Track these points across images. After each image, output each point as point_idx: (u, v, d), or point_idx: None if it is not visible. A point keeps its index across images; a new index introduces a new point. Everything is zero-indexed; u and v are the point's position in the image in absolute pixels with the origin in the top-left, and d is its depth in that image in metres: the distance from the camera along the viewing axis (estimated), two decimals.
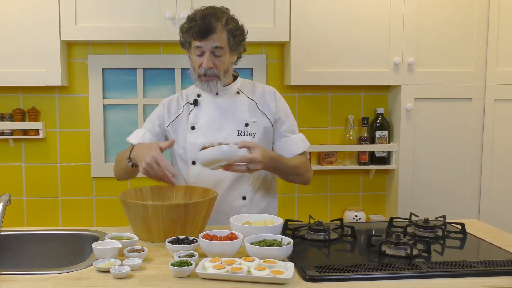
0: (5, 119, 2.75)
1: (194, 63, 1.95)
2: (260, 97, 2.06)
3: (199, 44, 1.89)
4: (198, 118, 2.00)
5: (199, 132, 1.99)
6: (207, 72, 1.91)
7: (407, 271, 1.40)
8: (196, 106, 2.02)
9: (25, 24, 2.56)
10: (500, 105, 2.72)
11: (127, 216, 1.72)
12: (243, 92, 2.05)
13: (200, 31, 1.86)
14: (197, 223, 1.68)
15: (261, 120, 2.02)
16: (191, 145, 1.98)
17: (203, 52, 1.90)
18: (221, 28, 1.89)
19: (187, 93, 2.09)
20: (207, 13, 1.89)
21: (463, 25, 2.78)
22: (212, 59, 1.90)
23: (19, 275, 1.41)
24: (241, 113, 2.00)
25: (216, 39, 1.88)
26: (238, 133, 1.98)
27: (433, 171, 2.84)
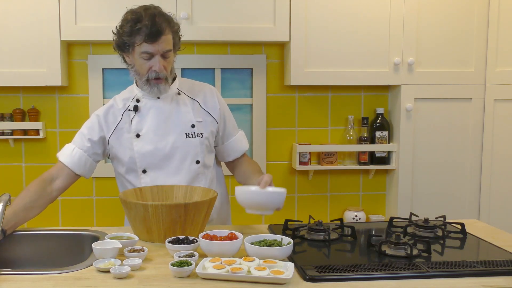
0: (5, 119, 2.75)
1: (140, 67, 1.85)
2: (202, 96, 2.00)
3: (148, 48, 1.80)
4: (141, 124, 1.92)
5: (145, 139, 1.91)
6: (159, 75, 1.84)
7: (407, 271, 1.40)
8: (137, 112, 1.92)
9: (25, 24, 2.56)
10: (500, 105, 2.72)
11: (127, 216, 1.72)
12: (183, 92, 1.99)
13: (151, 33, 1.77)
14: (197, 223, 1.68)
15: (206, 120, 1.98)
16: (138, 154, 1.91)
17: (152, 55, 1.82)
18: (169, 29, 1.82)
19: (122, 99, 1.98)
20: (154, 14, 1.80)
21: (463, 25, 2.78)
22: (162, 61, 1.83)
23: (19, 275, 1.41)
24: (186, 114, 1.94)
25: (165, 41, 1.81)
26: (186, 135, 1.93)
27: (433, 171, 2.84)
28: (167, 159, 1.93)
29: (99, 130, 1.94)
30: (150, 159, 1.92)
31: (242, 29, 2.64)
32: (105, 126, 1.94)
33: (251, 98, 2.90)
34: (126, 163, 1.95)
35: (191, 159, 1.94)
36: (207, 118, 1.98)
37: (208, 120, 1.99)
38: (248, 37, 2.67)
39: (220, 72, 2.87)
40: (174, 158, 1.93)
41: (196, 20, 2.63)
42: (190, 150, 1.93)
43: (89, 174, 1.96)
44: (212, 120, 1.99)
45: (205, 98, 2.01)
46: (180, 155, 1.93)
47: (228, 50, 2.88)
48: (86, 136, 1.94)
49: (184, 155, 1.93)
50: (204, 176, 1.98)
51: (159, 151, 1.91)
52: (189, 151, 1.93)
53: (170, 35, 1.84)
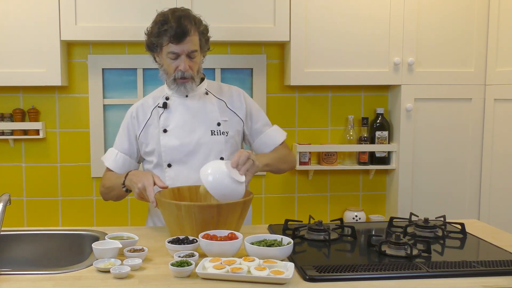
0: (5, 119, 2.75)
1: (168, 67, 1.93)
2: (228, 97, 2.07)
3: (174, 49, 1.87)
4: (169, 120, 1.98)
5: (172, 134, 1.97)
6: (185, 74, 1.91)
7: (407, 271, 1.40)
8: (166, 109, 1.99)
9: (25, 24, 2.56)
10: (500, 105, 2.72)
11: (162, 215, 1.73)
12: (211, 93, 2.05)
13: (176, 34, 1.84)
14: (231, 224, 1.67)
15: (232, 119, 2.03)
16: (165, 148, 1.96)
17: (178, 56, 1.89)
18: (194, 30, 1.89)
19: (153, 97, 2.07)
20: (181, 16, 1.87)
21: (463, 25, 2.78)
22: (187, 61, 1.90)
23: (19, 275, 1.41)
24: (212, 113, 2.00)
25: (191, 42, 1.88)
26: (211, 133, 1.98)
27: (433, 171, 2.84)
28: (192, 154, 1.97)
29: (132, 128, 2.04)
30: (175, 154, 1.96)
31: (242, 29, 2.64)
32: (136, 124, 2.03)
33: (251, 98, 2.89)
34: (153, 157, 2.01)
35: (215, 156, 1.97)
36: (233, 117, 2.04)
37: (234, 119, 2.04)
38: (248, 37, 2.67)
39: (220, 72, 2.87)
40: (198, 154, 1.97)
41: None
42: (215, 147, 1.97)
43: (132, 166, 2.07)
44: (238, 120, 2.05)
45: (231, 98, 2.07)
46: (204, 151, 1.97)
47: (228, 50, 2.88)
48: (124, 137, 2.05)
49: (209, 152, 1.97)
50: None
51: (184, 146, 1.96)
52: (214, 148, 1.97)
53: (196, 36, 1.90)
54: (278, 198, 2.98)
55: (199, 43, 1.93)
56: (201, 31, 1.93)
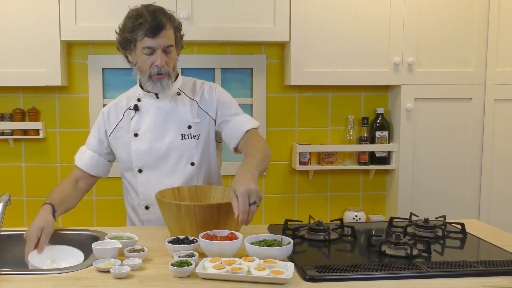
0: (5, 119, 2.75)
1: (143, 64, 1.87)
2: (200, 95, 1.99)
3: (150, 43, 1.82)
4: (140, 124, 1.94)
5: (143, 139, 1.93)
6: (161, 70, 1.85)
7: (407, 271, 1.40)
8: (137, 111, 1.95)
9: (25, 24, 2.56)
10: (500, 105, 2.72)
11: (162, 215, 1.73)
12: (183, 93, 1.99)
13: (152, 27, 1.79)
14: (231, 224, 1.67)
15: (203, 120, 1.97)
16: (135, 153, 1.93)
17: (154, 50, 1.84)
18: (170, 24, 1.85)
19: (127, 97, 2.02)
20: (155, 9, 1.83)
21: (463, 25, 2.78)
22: (164, 56, 1.85)
23: (19, 275, 1.41)
24: (184, 115, 1.94)
25: (167, 36, 1.84)
26: (182, 136, 1.93)
27: (433, 171, 2.84)
28: (162, 159, 1.94)
29: (103, 126, 2.01)
30: (146, 159, 1.94)
31: (242, 29, 2.64)
32: (107, 124, 2.00)
33: (251, 98, 2.90)
34: (124, 161, 1.99)
35: (186, 161, 1.94)
36: (204, 118, 1.98)
37: (206, 120, 1.98)
38: (248, 37, 2.67)
39: (220, 72, 2.87)
40: (169, 158, 1.94)
41: (196, 20, 2.63)
42: (186, 152, 1.94)
43: (104, 173, 2.05)
44: (210, 120, 1.98)
45: (203, 96, 2.00)
46: (175, 156, 1.94)
47: (228, 50, 2.88)
48: (94, 135, 2.01)
49: (179, 156, 1.94)
50: (198, 178, 1.98)
51: (155, 151, 1.93)
52: (185, 152, 1.94)
53: (171, 31, 1.87)
54: (278, 198, 2.98)
55: (175, 38, 1.89)
56: (176, 26, 1.90)
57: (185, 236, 1.60)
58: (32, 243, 1.64)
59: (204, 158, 1.98)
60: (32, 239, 1.65)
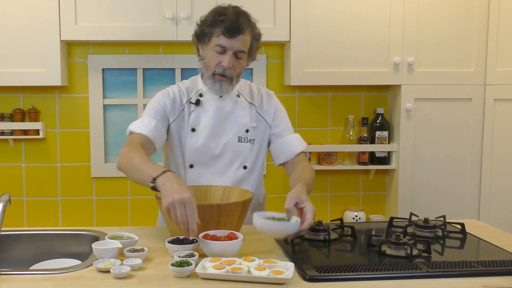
0: (5, 119, 2.75)
1: (210, 60, 1.84)
2: (259, 100, 2.00)
3: (224, 42, 1.80)
4: (199, 120, 1.91)
5: (199, 135, 1.91)
6: (225, 72, 1.83)
7: (407, 271, 1.40)
8: (198, 106, 1.92)
9: (25, 24, 2.56)
10: (500, 105, 2.72)
11: (162, 215, 1.72)
12: (242, 96, 1.99)
13: (231, 27, 1.77)
14: (231, 224, 1.67)
15: (260, 125, 1.98)
16: (190, 148, 1.91)
17: (225, 51, 1.81)
18: (249, 31, 1.83)
19: (187, 87, 1.97)
20: (239, 12, 1.82)
21: (463, 25, 2.78)
22: (233, 59, 1.82)
23: (19, 275, 1.41)
24: (243, 118, 1.94)
25: (242, 41, 1.81)
26: (238, 139, 1.93)
27: (433, 171, 2.84)
28: (216, 158, 1.93)
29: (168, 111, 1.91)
30: (199, 156, 1.92)
31: None
32: (171, 111, 1.92)
33: None
34: (175, 154, 1.94)
35: (239, 163, 1.95)
36: (261, 123, 1.99)
37: (262, 125, 1.99)
38: None
39: None
40: (223, 159, 1.93)
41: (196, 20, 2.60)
42: (240, 155, 1.94)
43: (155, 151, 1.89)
44: (266, 125, 2.00)
45: (261, 102, 2.01)
46: (229, 157, 1.93)
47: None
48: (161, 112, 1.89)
49: (233, 158, 1.94)
50: (248, 182, 1.98)
51: (209, 150, 1.92)
52: (239, 155, 1.94)
53: (248, 37, 1.84)
54: (278, 198, 2.98)
55: (249, 46, 1.86)
56: (254, 35, 1.87)
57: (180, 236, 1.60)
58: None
59: (256, 162, 1.99)
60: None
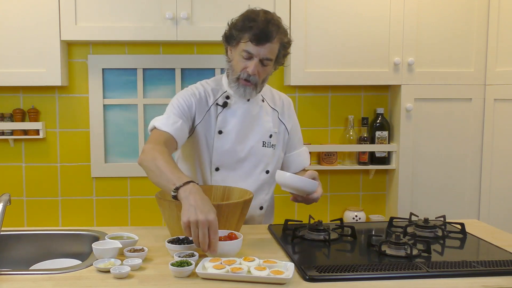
0: (5, 119, 2.75)
1: (236, 64, 1.84)
2: (281, 107, 2.03)
3: (251, 49, 1.79)
4: (226, 122, 1.90)
5: (226, 138, 1.90)
6: (250, 77, 1.82)
7: (407, 271, 1.40)
8: (225, 108, 1.90)
9: (25, 24, 2.56)
10: (500, 105, 2.72)
11: (163, 215, 1.72)
12: (266, 101, 1.99)
13: (259, 35, 1.77)
14: (231, 225, 1.67)
15: (280, 131, 2.01)
16: (217, 151, 1.90)
17: (251, 57, 1.80)
18: (278, 39, 1.81)
19: (212, 88, 1.94)
20: (270, 19, 1.79)
21: (463, 25, 2.78)
22: (258, 66, 1.82)
23: (19, 275, 1.41)
24: (267, 123, 1.95)
25: (270, 48, 1.80)
26: (263, 144, 1.94)
27: (433, 171, 2.84)
28: (241, 162, 1.93)
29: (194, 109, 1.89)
30: (226, 159, 1.91)
31: None
32: (197, 112, 1.90)
33: None
34: (201, 156, 1.92)
35: (263, 168, 1.96)
36: (282, 129, 2.02)
37: (282, 132, 2.02)
38: None
39: (220, 72, 2.87)
40: (247, 162, 1.94)
41: (196, 20, 2.63)
42: (263, 159, 1.95)
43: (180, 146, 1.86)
44: (285, 131, 2.03)
45: (283, 108, 2.03)
46: (253, 162, 1.94)
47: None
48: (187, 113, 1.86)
49: (257, 163, 1.95)
50: (269, 185, 2.01)
51: (236, 153, 1.92)
52: (262, 159, 1.95)
53: (277, 45, 1.82)
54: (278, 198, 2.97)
55: (277, 54, 1.85)
56: (283, 43, 1.85)
57: (185, 236, 1.60)
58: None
59: (276, 167, 2.01)
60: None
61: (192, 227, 1.43)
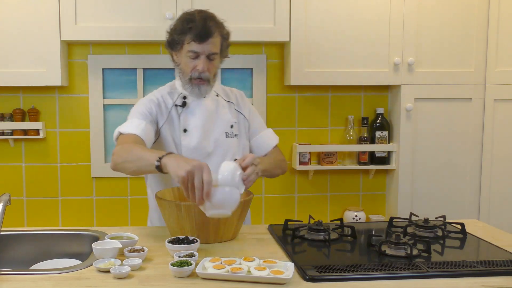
0: (5, 119, 2.75)
1: (185, 66, 1.92)
2: (235, 99, 2.10)
3: (196, 48, 1.87)
4: (188, 120, 1.96)
5: (192, 135, 1.95)
6: (201, 75, 1.90)
7: (407, 271, 1.40)
8: (185, 108, 1.97)
9: (25, 24, 2.56)
10: (500, 105, 2.72)
11: (162, 215, 1.73)
12: (220, 95, 2.07)
13: (200, 33, 1.85)
14: (231, 225, 1.67)
15: (240, 121, 2.06)
16: (185, 148, 1.94)
17: (198, 55, 1.89)
18: (218, 33, 1.91)
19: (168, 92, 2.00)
20: (206, 16, 1.89)
21: (463, 25, 2.78)
22: (206, 62, 1.90)
23: (19, 275, 1.41)
24: (226, 115, 2.02)
25: (213, 43, 1.88)
26: (226, 135, 2.00)
27: (433, 171, 2.84)
28: (210, 156, 1.96)
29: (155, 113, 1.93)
30: (195, 155, 1.93)
31: (242, 29, 2.64)
32: (159, 114, 1.95)
33: (251, 98, 2.90)
34: None
35: (230, 158, 1.98)
36: (241, 119, 2.07)
37: (242, 121, 2.07)
38: (248, 37, 2.67)
39: (220, 72, 2.87)
40: (215, 155, 1.97)
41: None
42: (230, 149, 1.99)
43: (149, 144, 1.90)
44: (245, 121, 2.09)
45: (237, 99, 2.11)
46: (221, 153, 1.98)
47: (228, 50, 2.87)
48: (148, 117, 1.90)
49: (225, 153, 1.98)
50: None
51: (203, 148, 1.96)
52: (229, 149, 1.99)
53: (218, 39, 1.91)
54: (278, 198, 2.98)
55: (220, 47, 1.93)
56: (224, 35, 1.94)
57: (185, 236, 1.60)
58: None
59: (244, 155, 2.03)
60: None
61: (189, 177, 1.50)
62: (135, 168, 1.73)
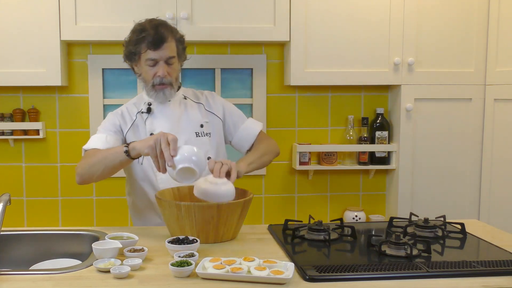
0: (5, 119, 2.75)
1: (146, 74, 1.97)
2: (204, 100, 2.13)
3: (153, 55, 1.92)
4: (154, 125, 2.01)
5: None
6: (163, 80, 1.95)
7: (407, 271, 1.40)
8: (150, 114, 2.03)
9: (25, 24, 2.56)
10: (500, 105, 2.72)
11: (162, 215, 1.73)
12: (189, 98, 2.10)
13: (154, 41, 1.90)
14: (231, 225, 1.68)
15: (212, 121, 2.09)
16: None
17: (156, 62, 1.94)
18: (171, 37, 1.95)
19: (134, 103, 2.09)
20: (158, 24, 1.94)
21: (463, 25, 2.78)
22: (166, 67, 1.95)
23: (19, 275, 1.41)
24: (194, 116, 2.05)
25: (168, 48, 1.93)
26: (196, 134, 2.03)
27: (433, 171, 2.84)
28: None
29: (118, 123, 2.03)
30: None
31: (242, 29, 2.64)
32: (123, 124, 2.03)
33: (251, 98, 2.90)
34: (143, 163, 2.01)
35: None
36: (213, 118, 2.10)
37: (215, 120, 2.10)
38: (248, 37, 2.67)
39: (220, 72, 2.87)
40: None
41: (196, 20, 2.63)
42: (202, 147, 1.99)
43: None
44: (218, 120, 2.11)
45: (207, 100, 2.14)
46: None
47: (228, 50, 2.88)
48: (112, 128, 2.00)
49: None
50: None
51: None
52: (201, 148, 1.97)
53: (173, 43, 1.97)
54: (278, 198, 2.98)
55: (177, 50, 1.98)
56: (178, 39, 2.00)
57: (185, 236, 1.60)
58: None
59: (218, 155, 2.08)
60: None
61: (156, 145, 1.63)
62: (103, 167, 1.81)
